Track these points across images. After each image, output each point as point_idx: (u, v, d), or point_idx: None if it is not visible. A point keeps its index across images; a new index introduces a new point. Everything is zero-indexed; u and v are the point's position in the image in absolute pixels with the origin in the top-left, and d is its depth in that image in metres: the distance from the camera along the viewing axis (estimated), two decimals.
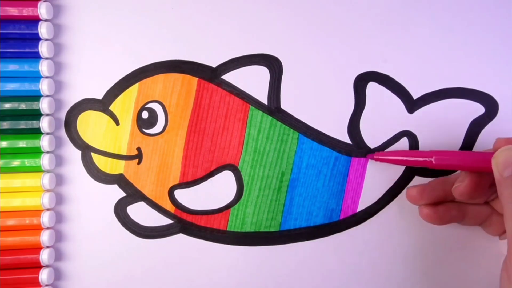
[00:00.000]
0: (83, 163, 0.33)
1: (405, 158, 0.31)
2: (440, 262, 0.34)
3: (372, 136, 0.34)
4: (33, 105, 0.32)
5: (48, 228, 0.33)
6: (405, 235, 0.33)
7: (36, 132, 0.33)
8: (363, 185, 0.34)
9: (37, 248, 0.32)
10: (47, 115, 0.33)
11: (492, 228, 0.32)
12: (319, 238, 0.34)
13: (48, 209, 0.33)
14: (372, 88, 0.34)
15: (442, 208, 0.31)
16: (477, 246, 0.33)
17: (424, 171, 0.34)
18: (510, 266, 0.24)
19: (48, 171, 0.33)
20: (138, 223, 0.33)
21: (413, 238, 0.33)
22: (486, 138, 0.33)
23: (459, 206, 0.31)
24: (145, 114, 0.33)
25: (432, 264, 0.34)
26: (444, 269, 0.34)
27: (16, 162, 0.32)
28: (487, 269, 0.33)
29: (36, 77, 0.32)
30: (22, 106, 0.32)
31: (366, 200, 0.34)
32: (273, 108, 0.34)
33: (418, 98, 0.34)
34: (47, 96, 0.33)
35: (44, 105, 0.32)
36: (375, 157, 0.33)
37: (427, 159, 0.30)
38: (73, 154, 0.33)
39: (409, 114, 0.34)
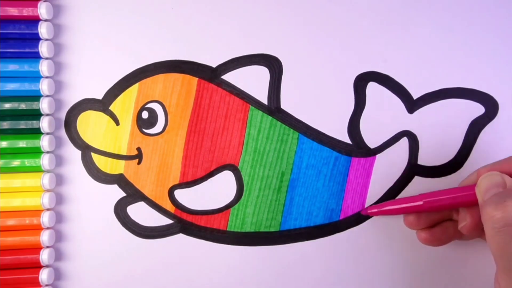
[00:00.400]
0: (83, 163, 0.33)
1: (397, 207, 0.31)
2: (440, 262, 0.34)
3: (372, 136, 0.34)
4: (33, 105, 0.32)
5: (48, 228, 0.33)
6: (405, 235, 0.33)
7: (36, 132, 0.33)
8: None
9: (37, 248, 0.32)
10: (47, 115, 0.33)
11: None
12: (319, 238, 0.34)
13: (48, 209, 0.33)
14: (372, 88, 0.34)
15: (439, 229, 0.31)
16: (476, 245, 0.33)
17: (424, 172, 0.34)
18: (500, 280, 0.26)
19: (48, 171, 0.33)
20: (138, 223, 0.33)
21: (413, 238, 0.33)
22: (486, 138, 0.33)
23: (456, 224, 0.31)
24: (145, 114, 0.33)
25: (432, 264, 0.34)
26: (444, 269, 0.34)
27: (16, 162, 0.32)
28: (484, 269, 0.33)
29: (36, 77, 0.32)
30: (22, 106, 0.32)
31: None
32: (273, 108, 0.34)
33: (418, 98, 0.34)
34: (47, 96, 0.33)
35: (44, 105, 0.32)
36: (368, 211, 0.33)
37: (416, 203, 0.31)
38: (73, 154, 0.33)
39: (409, 114, 0.34)
